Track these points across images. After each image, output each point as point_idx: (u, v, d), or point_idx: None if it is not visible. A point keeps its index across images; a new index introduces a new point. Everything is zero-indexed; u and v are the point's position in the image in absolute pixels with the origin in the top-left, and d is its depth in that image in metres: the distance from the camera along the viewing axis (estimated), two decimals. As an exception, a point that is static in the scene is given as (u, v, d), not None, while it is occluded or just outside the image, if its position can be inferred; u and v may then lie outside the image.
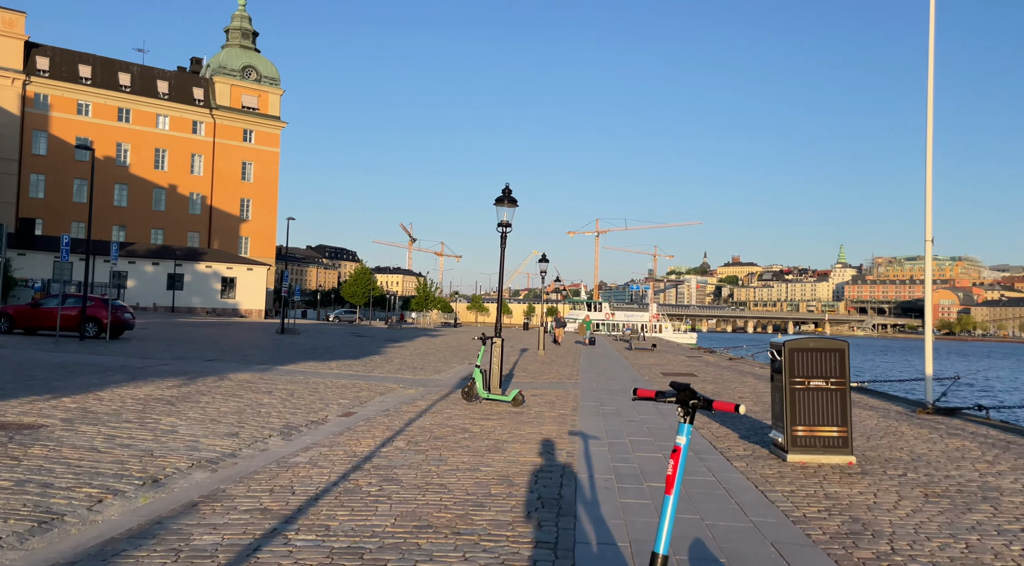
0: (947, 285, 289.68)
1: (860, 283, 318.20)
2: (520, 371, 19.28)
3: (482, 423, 10.01)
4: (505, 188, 13.40)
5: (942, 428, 9.93)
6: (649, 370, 20.79)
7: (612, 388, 15.32)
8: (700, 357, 28.35)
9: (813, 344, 7.56)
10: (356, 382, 15.05)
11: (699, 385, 16.14)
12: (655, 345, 33.74)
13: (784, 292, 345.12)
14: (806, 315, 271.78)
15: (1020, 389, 35.04)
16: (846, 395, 7.45)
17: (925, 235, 14.16)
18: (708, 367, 22.50)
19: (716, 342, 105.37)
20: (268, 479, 6.42)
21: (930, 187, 14.16)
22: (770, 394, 8.20)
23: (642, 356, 28.37)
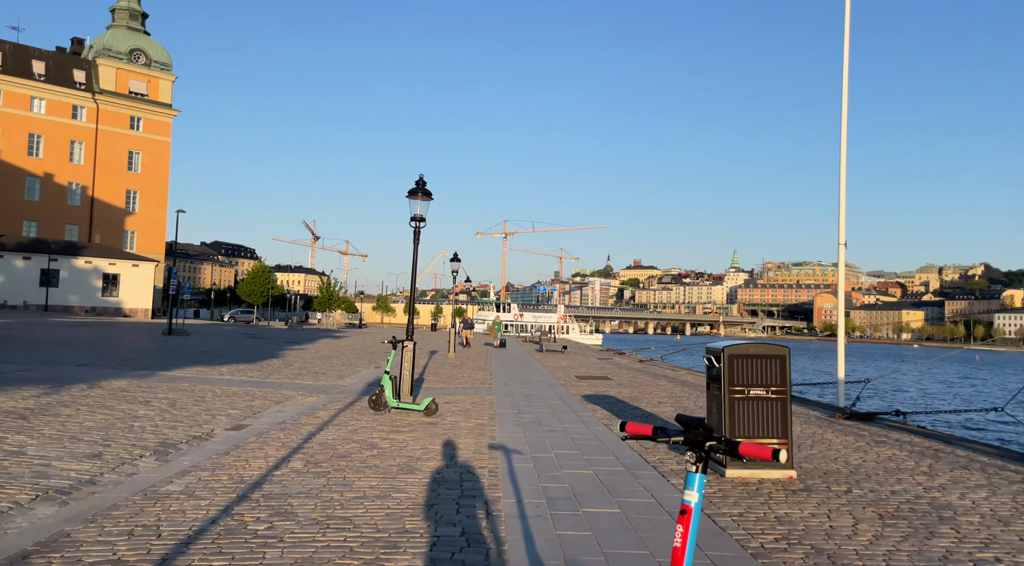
0: (829, 289, 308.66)
1: (752, 287, 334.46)
2: (431, 375, 18.30)
3: (392, 437, 9.04)
4: (419, 180, 12.45)
5: (866, 435, 9.78)
6: (564, 373, 20.28)
7: (529, 393, 14.63)
8: (611, 359, 28.21)
9: (754, 350, 7.07)
10: (249, 389, 13.67)
11: (616, 389, 15.71)
12: (565, 347, 33.48)
13: (682, 295, 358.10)
14: (702, 317, 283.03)
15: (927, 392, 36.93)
16: (787, 405, 7.00)
17: (839, 239, 14.28)
18: (621, 369, 22.25)
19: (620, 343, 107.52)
20: (129, 516, 5.26)
21: (843, 195, 14.27)
22: (705, 403, 7.68)
23: (554, 358, 27.94)
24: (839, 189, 14.27)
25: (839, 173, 14.40)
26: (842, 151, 14.43)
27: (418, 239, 12.45)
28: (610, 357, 30.25)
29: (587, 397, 14.14)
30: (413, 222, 12.45)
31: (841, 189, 14.24)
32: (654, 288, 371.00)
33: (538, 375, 19.37)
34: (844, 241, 14.08)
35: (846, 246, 14.05)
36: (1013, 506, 5.82)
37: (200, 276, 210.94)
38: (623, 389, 15.83)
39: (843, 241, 14.11)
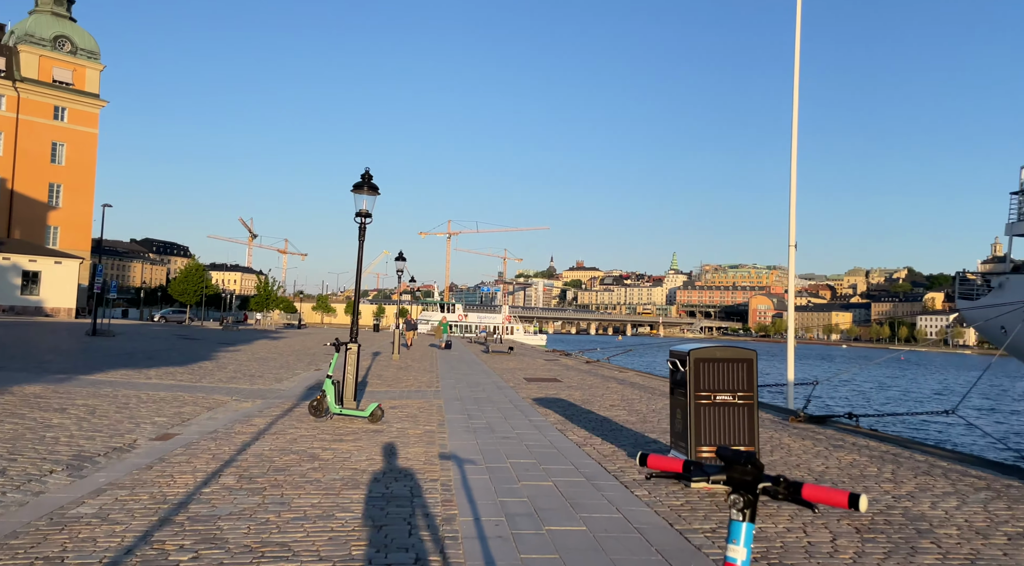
0: (764, 291, 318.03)
1: (690, 288, 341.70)
2: (375, 378, 17.62)
3: (335, 446, 8.42)
4: (365, 173, 11.82)
5: (823, 439, 9.67)
6: (512, 375, 19.85)
7: (478, 396, 14.14)
8: (558, 360, 27.95)
9: (720, 354, 6.77)
10: (179, 395, 12.78)
11: (566, 392, 15.38)
12: (512, 348, 33.11)
13: (624, 296, 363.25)
14: (642, 318, 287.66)
15: (871, 393, 37.71)
16: (754, 411, 6.72)
17: (789, 240, 14.29)
18: (569, 371, 21.97)
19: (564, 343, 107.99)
20: (29, 546, 4.56)
21: (794, 198, 14.29)
22: (669, 409, 7.35)
23: (501, 360, 27.50)
24: (789, 194, 14.29)
25: (790, 179, 14.43)
26: (792, 157, 14.45)
27: (364, 236, 11.83)
28: (557, 358, 30.00)
29: (538, 400, 13.75)
30: (359, 218, 11.81)
31: (792, 193, 14.25)
32: (596, 289, 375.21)
33: (486, 377, 18.90)
34: (795, 243, 14.10)
35: (796, 247, 14.05)
36: (987, 516, 5.66)
37: (129, 274, 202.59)
38: (574, 392, 15.50)
39: (793, 243, 14.12)
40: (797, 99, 14.61)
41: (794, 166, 14.45)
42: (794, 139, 14.46)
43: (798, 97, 14.63)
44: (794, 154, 14.46)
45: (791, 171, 14.43)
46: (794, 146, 14.46)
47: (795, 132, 14.49)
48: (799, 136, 14.49)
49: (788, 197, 13.82)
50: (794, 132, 14.50)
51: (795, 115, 14.55)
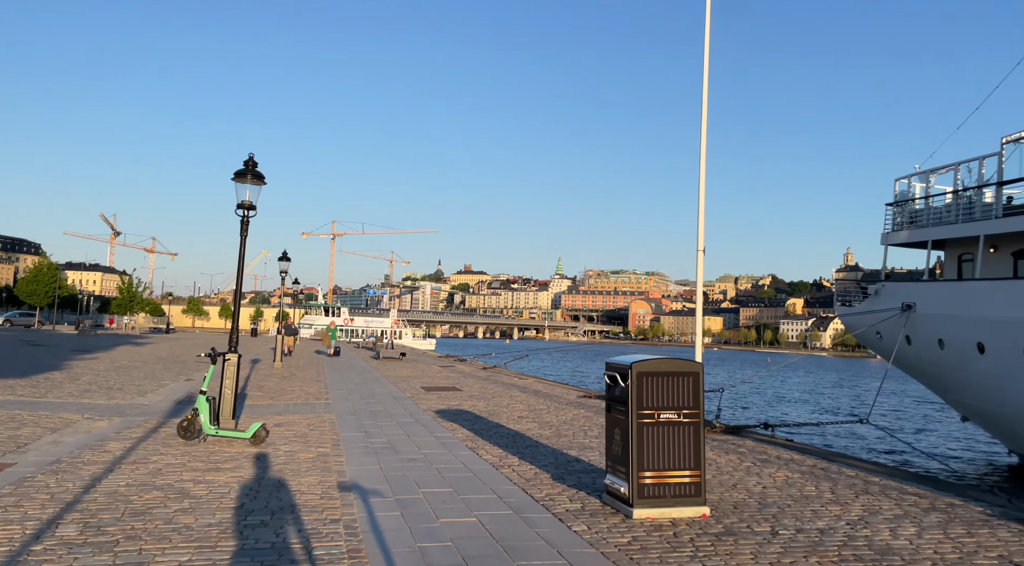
0: (643, 296, 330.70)
1: (575, 293, 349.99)
2: (256, 390, 15.97)
3: (210, 478, 7.08)
4: (248, 160, 10.41)
5: (746, 452, 9.28)
6: (408, 384, 18.68)
7: (374, 409, 12.94)
8: (454, 367, 26.94)
9: (665, 367, 6.07)
10: (16, 413, 10.80)
11: (469, 402, 14.45)
12: (404, 353, 31.78)
13: (511, 300, 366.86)
14: (529, 322, 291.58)
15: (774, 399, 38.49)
16: (699, 430, 6.07)
17: (697, 245, 14.08)
18: (467, 378, 21.04)
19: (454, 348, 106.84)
20: None
21: (702, 203, 14.10)
22: (605, 429, 6.59)
23: (393, 366, 26.16)
24: (698, 198, 14.08)
25: (698, 182, 14.22)
26: (701, 168, 14.27)
27: (246, 231, 10.41)
28: (452, 364, 28.98)
29: (440, 413, 12.74)
30: (241, 210, 10.38)
31: (700, 201, 14.05)
32: (484, 293, 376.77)
33: (380, 387, 17.64)
34: (703, 247, 13.90)
35: (704, 252, 13.84)
36: (954, 546, 5.25)
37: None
38: (477, 402, 14.59)
39: (702, 247, 13.92)
40: (706, 108, 14.45)
41: (702, 176, 14.27)
42: (703, 149, 14.29)
43: (707, 106, 14.48)
44: (702, 165, 14.27)
45: (699, 180, 14.25)
46: (702, 156, 14.28)
47: (704, 142, 14.32)
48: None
49: (703, 201, 13.58)
50: (703, 142, 14.32)
51: (704, 124, 14.39)
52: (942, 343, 19.64)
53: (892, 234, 22.96)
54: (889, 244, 23.24)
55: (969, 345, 18.51)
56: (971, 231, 19.19)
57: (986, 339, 17.97)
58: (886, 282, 23.17)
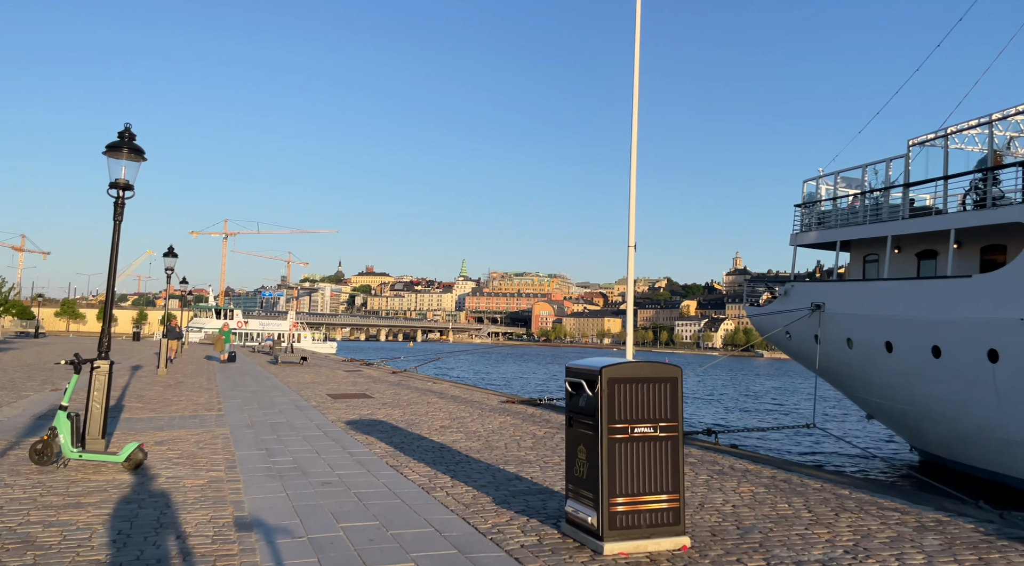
0: (546, 298, 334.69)
1: (479, 295, 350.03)
2: (135, 400, 14.03)
3: (68, 518, 5.59)
4: (124, 131, 8.77)
5: (695, 462, 8.55)
6: (312, 391, 17.10)
7: (275, 421, 11.45)
8: (360, 371, 25.33)
9: (641, 372, 5.15)
10: None
11: (383, 411, 13.15)
12: (305, 358, 29.75)
13: (414, 302, 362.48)
14: (433, 324, 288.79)
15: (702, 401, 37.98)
16: (678, 447, 5.18)
17: (629, 241, 13.41)
18: (377, 384, 19.61)
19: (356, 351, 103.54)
20: None
21: (633, 196, 13.46)
22: (565, 446, 5.61)
23: (294, 372, 24.28)
24: (629, 193, 13.42)
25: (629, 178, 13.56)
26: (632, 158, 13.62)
27: (121, 214, 8.76)
28: (359, 369, 27.31)
29: (352, 424, 11.42)
30: (115, 190, 8.73)
31: (631, 193, 13.38)
32: (386, 295, 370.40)
33: (281, 395, 16.01)
34: (634, 243, 13.23)
35: (635, 248, 13.17)
36: (974, 573, 4.59)
37: None
38: (392, 410, 13.32)
39: (632, 243, 13.25)
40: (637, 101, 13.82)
41: (633, 169, 13.62)
42: (633, 141, 13.64)
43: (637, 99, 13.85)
44: (633, 158, 13.62)
45: (631, 173, 13.59)
46: (633, 148, 13.63)
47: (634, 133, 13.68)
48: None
49: (633, 196, 12.88)
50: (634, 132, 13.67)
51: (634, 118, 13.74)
52: (850, 342, 20.00)
53: (801, 235, 23.35)
54: (798, 245, 23.64)
55: (877, 344, 18.88)
56: (879, 232, 19.62)
57: (894, 338, 18.36)
58: (795, 282, 23.54)
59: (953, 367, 16.52)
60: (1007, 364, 15.13)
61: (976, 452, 16.67)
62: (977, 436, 16.41)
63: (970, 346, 15.99)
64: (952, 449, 17.50)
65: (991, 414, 15.77)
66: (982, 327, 15.71)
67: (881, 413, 20.68)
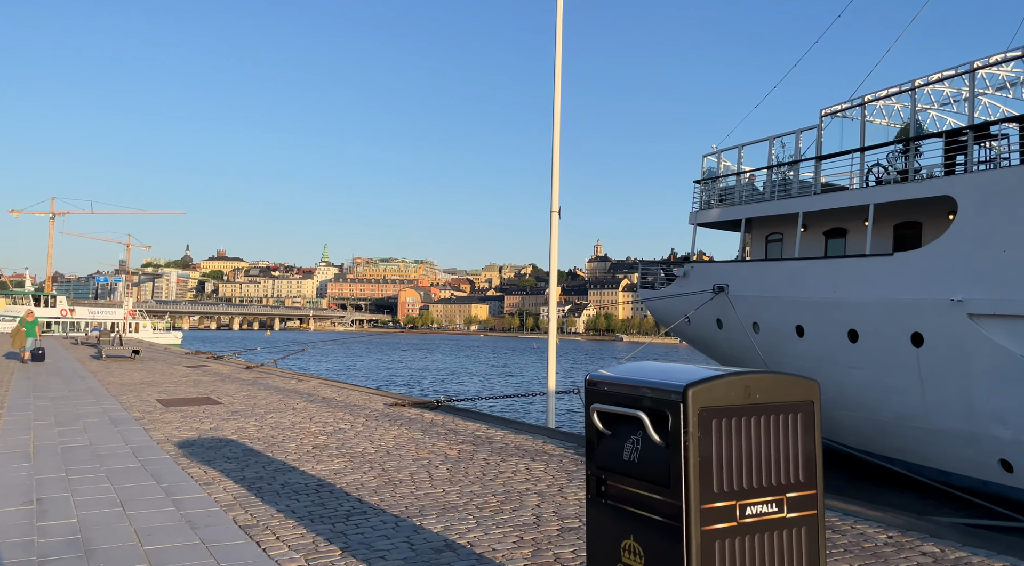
0: (412, 285, 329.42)
1: (342, 281, 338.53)
2: None
3: None
4: None
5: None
6: (139, 395, 13.38)
7: (71, 445, 8.01)
8: (207, 367, 21.30)
9: (753, 393, 2.64)
10: None
11: (235, 425, 9.91)
12: (137, 351, 25.10)
13: (271, 288, 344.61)
14: (292, 311, 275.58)
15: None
16: (818, 536, 2.73)
17: (551, 207, 11.01)
18: (227, 383, 16.01)
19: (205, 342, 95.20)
20: None
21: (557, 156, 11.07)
22: (586, 539, 2.99)
23: (121, 369, 19.94)
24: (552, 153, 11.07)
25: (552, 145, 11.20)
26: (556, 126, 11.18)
27: None
28: (205, 363, 23.16)
29: (187, 447, 8.20)
30: None
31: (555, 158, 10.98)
32: (240, 281, 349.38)
33: (94, 403, 12.24)
34: (557, 208, 10.86)
35: (559, 213, 10.80)
36: None
37: None
38: (245, 421, 10.12)
39: (556, 208, 10.88)
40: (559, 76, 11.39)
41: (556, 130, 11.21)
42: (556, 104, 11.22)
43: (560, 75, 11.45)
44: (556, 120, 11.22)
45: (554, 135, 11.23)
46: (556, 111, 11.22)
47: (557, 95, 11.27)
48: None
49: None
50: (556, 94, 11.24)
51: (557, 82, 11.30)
52: (757, 326, 18.86)
53: (701, 213, 22.08)
54: (698, 224, 22.37)
55: (787, 328, 17.78)
56: (788, 208, 18.51)
57: (805, 321, 17.30)
58: (695, 263, 22.26)
59: (872, 352, 15.58)
60: (932, 348, 14.27)
61: (892, 443, 15.87)
62: (895, 425, 15.58)
63: (891, 329, 15.06)
64: (865, 439, 16.66)
65: (913, 402, 14.93)
66: (905, 309, 14.78)
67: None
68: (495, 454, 7.78)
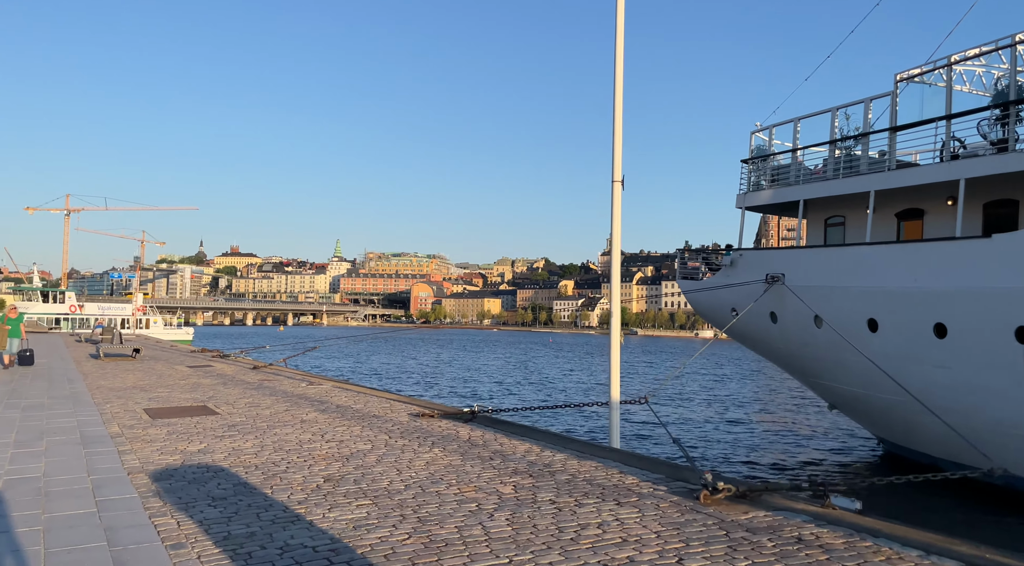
0: (425, 279, 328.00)
1: (355, 276, 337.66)
2: None
3: None
4: None
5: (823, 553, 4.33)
6: (125, 403, 11.61)
7: (21, 477, 6.20)
8: (210, 367, 19.55)
9: None
10: None
11: (226, 443, 8.08)
12: (138, 350, 23.44)
13: (284, 284, 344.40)
14: (305, 306, 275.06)
15: (713, 411, 28.29)
16: None
17: (613, 176, 9.07)
18: (228, 387, 14.23)
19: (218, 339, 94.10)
20: None
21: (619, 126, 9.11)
22: None
23: (115, 371, 18.24)
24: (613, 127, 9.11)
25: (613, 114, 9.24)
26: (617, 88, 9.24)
27: None
28: (208, 363, 21.41)
29: (163, 478, 6.38)
30: None
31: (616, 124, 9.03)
32: (254, 277, 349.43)
33: (69, 414, 10.46)
34: (620, 178, 8.94)
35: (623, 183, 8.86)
36: None
37: None
38: (242, 440, 8.29)
39: (618, 178, 8.96)
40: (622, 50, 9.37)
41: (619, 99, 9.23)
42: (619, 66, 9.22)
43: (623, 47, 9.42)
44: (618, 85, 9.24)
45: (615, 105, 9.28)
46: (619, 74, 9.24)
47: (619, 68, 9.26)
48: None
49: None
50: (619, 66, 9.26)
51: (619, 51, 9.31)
52: (819, 320, 16.82)
53: (750, 195, 20.02)
54: (746, 207, 20.31)
55: (856, 322, 15.75)
56: (857, 187, 16.43)
57: (880, 314, 15.26)
58: (744, 250, 20.25)
59: (965, 349, 13.58)
60: (1042, 344, 12.27)
61: (988, 453, 13.85)
62: (993, 433, 13.55)
63: (989, 323, 13.06)
64: (953, 449, 14.62)
65: (1017, 406, 12.91)
66: (1007, 299, 12.75)
67: (851, 403, 17.72)
68: (564, 493, 5.89)
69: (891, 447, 18.24)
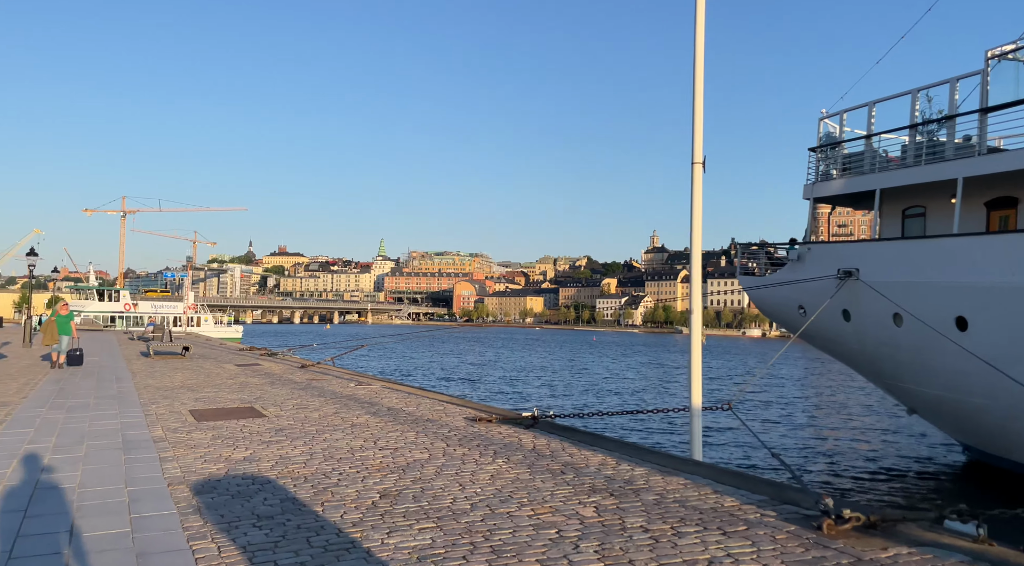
0: (467, 278, 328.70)
1: (398, 275, 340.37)
2: None
3: None
4: None
5: None
6: (172, 403, 11.20)
7: (52, 486, 5.68)
8: (258, 365, 19.24)
9: None
10: None
11: (275, 451, 7.48)
12: (188, 348, 23.36)
13: (330, 283, 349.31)
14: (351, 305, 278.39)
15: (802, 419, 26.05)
16: None
17: (693, 157, 8.20)
18: (276, 387, 13.77)
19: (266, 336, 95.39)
20: None
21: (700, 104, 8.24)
22: None
23: (164, 369, 18.04)
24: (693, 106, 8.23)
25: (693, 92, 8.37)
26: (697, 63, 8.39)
27: None
28: (257, 361, 21.14)
29: (205, 491, 5.78)
30: None
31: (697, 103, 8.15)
32: (301, 275, 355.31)
33: (115, 414, 10.05)
34: (701, 159, 8.08)
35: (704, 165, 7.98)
36: None
37: None
38: (290, 448, 7.69)
39: (699, 160, 8.09)
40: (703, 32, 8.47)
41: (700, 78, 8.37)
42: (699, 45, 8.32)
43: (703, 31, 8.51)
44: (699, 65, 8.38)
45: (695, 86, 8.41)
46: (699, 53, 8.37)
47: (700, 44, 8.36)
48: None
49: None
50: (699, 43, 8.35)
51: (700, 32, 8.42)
52: (899, 318, 15.60)
53: (819, 185, 18.82)
54: (815, 198, 19.10)
55: (943, 320, 14.51)
56: (942, 174, 15.17)
57: (970, 312, 14.01)
58: (813, 244, 19.06)
59: (1072, 349, 12.32)
60: None
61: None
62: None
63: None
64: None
65: None
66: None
67: (940, 407, 16.40)
68: (656, 518, 5.08)
69: (978, 455, 16.89)
